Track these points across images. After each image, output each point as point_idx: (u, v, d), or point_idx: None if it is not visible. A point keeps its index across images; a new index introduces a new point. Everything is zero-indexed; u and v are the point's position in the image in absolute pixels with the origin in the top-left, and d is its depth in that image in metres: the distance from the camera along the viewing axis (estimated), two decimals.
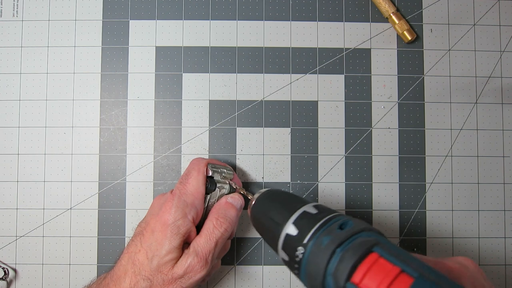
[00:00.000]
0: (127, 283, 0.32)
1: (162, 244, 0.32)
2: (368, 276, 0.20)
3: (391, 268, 0.20)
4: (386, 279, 0.19)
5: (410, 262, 0.20)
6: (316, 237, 0.24)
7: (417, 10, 0.44)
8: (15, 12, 0.43)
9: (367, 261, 0.21)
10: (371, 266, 0.20)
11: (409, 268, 0.20)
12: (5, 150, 0.42)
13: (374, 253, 0.21)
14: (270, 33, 0.43)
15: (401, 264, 0.20)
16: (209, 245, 0.33)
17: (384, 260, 0.21)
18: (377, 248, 0.22)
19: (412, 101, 0.43)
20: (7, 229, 0.42)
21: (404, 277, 0.19)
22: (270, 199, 0.31)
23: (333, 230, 0.24)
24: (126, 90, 0.43)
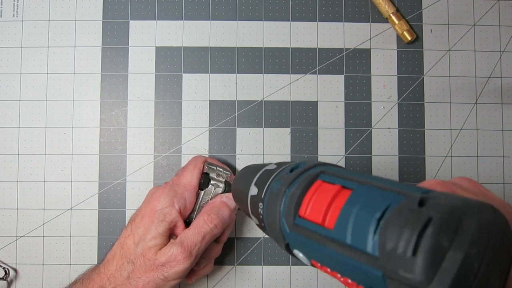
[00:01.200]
0: (114, 265, 0.33)
1: (148, 229, 0.33)
2: (312, 204, 0.19)
3: (332, 188, 0.19)
4: (327, 199, 0.18)
5: (354, 177, 0.19)
6: (269, 187, 0.24)
7: (417, 11, 0.44)
8: (15, 12, 0.43)
9: (310, 191, 0.20)
10: (313, 194, 0.20)
11: (349, 182, 0.19)
12: (5, 150, 0.42)
13: (317, 181, 0.20)
14: (270, 33, 0.43)
15: (341, 181, 0.19)
16: (195, 238, 0.33)
17: (326, 184, 0.20)
18: (321, 176, 0.21)
19: (412, 101, 0.43)
20: (7, 229, 0.42)
21: (344, 191, 0.18)
22: (241, 174, 0.31)
23: (283, 175, 0.23)
24: (126, 90, 0.43)
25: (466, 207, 0.14)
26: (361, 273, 0.16)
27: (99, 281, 0.33)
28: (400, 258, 0.14)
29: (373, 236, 0.15)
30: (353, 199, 0.18)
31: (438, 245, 0.13)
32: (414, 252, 0.13)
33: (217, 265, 0.42)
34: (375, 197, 0.17)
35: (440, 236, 0.13)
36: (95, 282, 0.33)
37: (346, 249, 0.16)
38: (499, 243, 0.14)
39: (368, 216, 0.16)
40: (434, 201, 0.14)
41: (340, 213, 0.17)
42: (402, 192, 0.16)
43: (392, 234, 0.14)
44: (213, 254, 0.37)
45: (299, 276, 0.42)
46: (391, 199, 0.16)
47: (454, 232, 0.13)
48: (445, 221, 0.13)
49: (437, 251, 0.13)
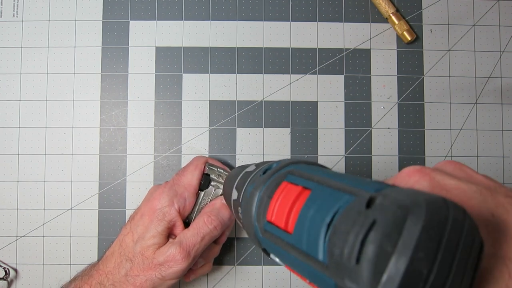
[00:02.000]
0: (112, 262, 0.33)
1: (148, 228, 0.33)
2: (277, 207, 0.19)
3: (295, 190, 0.18)
4: (289, 202, 0.18)
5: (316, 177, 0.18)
6: (245, 191, 0.23)
7: (417, 11, 0.44)
8: (15, 12, 0.43)
9: (276, 194, 0.19)
10: (279, 197, 0.19)
11: (310, 182, 0.18)
12: (5, 150, 0.42)
13: (283, 183, 0.20)
14: (270, 34, 0.43)
15: (303, 182, 0.19)
16: (195, 239, 0.33)
17: (291, 185, 0.19)
18: (288, 176, 0.20)
19: (411, 101, 0.43)
20: (7, 229, 0.42)
21: (305, 193, 0.18)
22: (228, 177, 0.31)
23: (257, 178, 0.23)
24: (126, 91, 0.43)
25: (413, 206, 0.13)
26: (319, 280, 0.15)
27: (98, 278, 0.33)
28: (345, 267, 0.13)
29: (323, 243, 0.15)
30: (310, 201, 0.17)
31: (381, 251, 0.12)
32: (357, 260, 0.12)
33: (217, 265, 0.42)
34: (328, 199, 0.16)
35: (383, 241, 0.12)
36: (94, 278, 0.33)
37: (303, 256, 0.16)
38: (454, 242, 0.12)
39: (319, 221, 0.15)
40: (382, 200, 0.13)
41: (298, 218, 0.17)
42: (354, 192, 0.15)
43: (339, 240, 0.14)
44: (212, 255, 0.37)
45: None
46: (343, 200, 0.15)
47: (397, 235, 0.12)
48: (389, 224, 0.12)
49: (380, 258, 0.12)
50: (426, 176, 0.18)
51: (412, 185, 0.18)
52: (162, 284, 0.32)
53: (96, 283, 0.33)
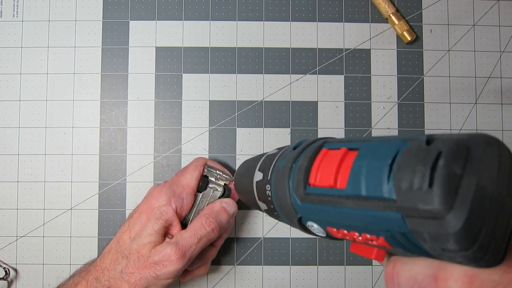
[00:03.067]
0: (109, 259, 0.34)
1: (145, 226, 0.34)
2: (321, 170, 0.19)
3: (338, 152, 0.19)
4: (335, 163, 0.19)
5: (357, 139, 0.20)
6: (275, 167, 0.24)
7: (417, 11, 0.44)
8: (15, 13, 0.43)
9: (317, 160, 0.20)
10: (321, 161, 0.20)
11: (354, 143, 0.19)
12: (5, 150, 0.42)
13: (322, 150, 0.21)
14: (270, 34, 0.43)
15: (346, 144, 0.19)
16: (191, 240, 0.33)
17: (332, 151, 0.20)
18: (325, 145, 0.21)
19: (411, 101, 0.43)
20: (7, 229, 0.42)
21: (351, 153, 0.19)
22: (242, 166, 0.31)
23: (287, 153, 0.24)
24: (126, 91, 0.43)
25: (471, 138, 0.14)
26: (380, 222, 0.16)
27: (95, 273, 0.34)
28: (417, 194, 0.14)
29: (387, 182, 0.15)
30: (361, 156, 0.18)
31: (452, 173, 0.13)
32: (430, 184, 0.14)
33: (217, 265, 0.42)
34: (383, 148, 0.17)
35: (453, 165, 0.14)
36: (91, 274, 0.34)
37: (362, 202, 0.17)
38: (505, 166, 0.14)
39: (380, 165, 0.16)
40: (440, 138, 0.15)
41: (351, 171, 0.18)
42: (407, 138, 0.16)
43: (406, 174, 0.15)
44: (208, 257, 0.37)
45: (299, 276, 0.42)
46: (399, 145, 0.16)
47: (464, 160, 0.14)
48: (455, 152, 0.14)
49: (452, 179, 0.13)
50: None
51: None
52: (157, 284, 0.33)
53: (92, 278, 0.33)
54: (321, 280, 0.42)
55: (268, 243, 0.42)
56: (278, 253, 0.42)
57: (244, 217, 0.42)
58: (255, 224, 0.42)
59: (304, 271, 0.42)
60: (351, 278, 0.42)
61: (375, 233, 0.17)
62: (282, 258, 0.42)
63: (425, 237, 0.14)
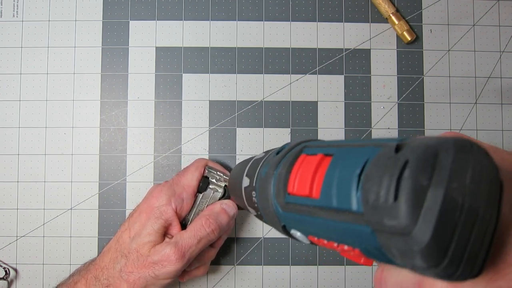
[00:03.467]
0: (108, 257, 0.34)
1: (144, 226, 0.34)
2: (298, 178, 0.19)
3: (314, 159, 0.19)
4: (311, 170, 0.18)
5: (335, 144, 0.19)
6: (259, 174, 0.24)
7: (417, 11, 0.44)
8: (15, 13, 0.43)
9: (295, 167, 0.20)
10: (298, 168, 0.19)
11: (331, 148, 0.19)
12: (5, 150, 0.42)
13: (301, 156, 0.20)
14: (270, 34, 0.43)
15: (323, 150, 0.19)
16: (191, 240, 0.33)
17: (310, 156, 0.19)
18: (305, 149, 0.20)
19: (411, 101, 0.43)
20: (7, 229, 0.42)
21: (326, 159, 0.18)
22: (234, 170, 0.31)
23: (270, 159, 0.23)
24: (126, 91, 0.43)
25: (441, 144, 0.13)
26: (352, 234, 0.16)
27: (94, 272, 0.34)
28: (383, 207, 0.13)
29: (356, 193, 0.15)
30: (334, 163, 0.17)
31: (417, 185, 0.13)
32: (395, 198, 0.13)
33: (217, 265, 0.42)
34: (354, 156, 0.16)
35: (418, 176, 0.13)
36: (90, 273, 0.34)
37: (333, 214, 0.16)
38: (479, 174, 0.13)
39: (349, 175, 0.16)
40: (409, 144, 0.14)
41: (323, 181, 0.17)
42: (379, 144, 0.16)
43: (373, 186, 0.14)
44: (207, 258, 0.37)
45: (299, 276, 0.42)
46: (369, 153, 0.16)
47: (431, 170, 0.13)
48: (421, 160, 0.13)
49: (417, 191, 0.13)
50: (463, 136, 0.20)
51: None
52: (155, 283, 0.33)
53: (91, 277, 0.33)
54: (321, 280, 0.42)
55: (268, 243, 0.42)
56: (278, 253, 0.42)
57: (244, 217, 0.42)
58: (255, 224, 0.42)
59: (304, 271, 0.42)
60: (351, 278, 0.42)
61: (351, 245, 0.17)
62: (282, 258, 0.42)
63: (394, 253, 0.14)
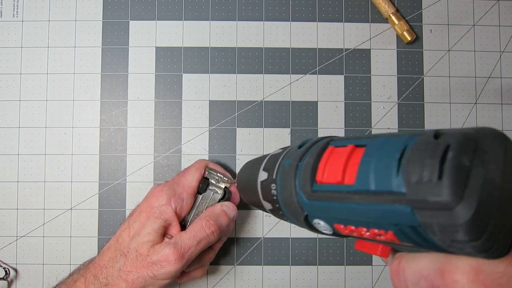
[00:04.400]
0: (107, 256, 0.34)
1: (144, 225, 0.34)
2: (328, 167, 0.20)
3: (345, 149, 0.19)
4: (342, 159, 0.19)
5: (364, 136, 0.20)
6: (280, 166, 0.24)
7: (417, 11, 0.44)
8: (15, 13, 0.43)
9: (324, 157, 0.20)
10: (328, 158, 0.20)
11: (361, 140, 0.19)
12: (5, 150, 0.42)
13: (329, 148, 0.21)
14: (270, 34, 0.43)
15: (353, 141, 0.20)
16: (190, 241, 0.33)
17: (338, 148, 0.20)
18: (332, 142, 0.21)
19: (411, 101, 0.43)
20: (7, 229, 0.42)
21: (358, 150, 0.19)
22: (245, 167, 0.32)
23: (292, 152, 0.24)
24: (126, 91, 0.43)
25: (479, 132, 0.15)
26: (389, 216, 0.16)
27: (93, 271, 0.34)
28: (427, 186, 0.14)
29: (396, 176, 0.16)
30: (369, 152, 0.18)
31: (460, 165, 0.14)
32: (439, 176, 0.14)
33: (217, 265, 0.42)
34: (391, 144, 0.17)
35: (461, 157, 0.14)
36: (90, 271, 0.34)
37: (371, 197, 0.17)
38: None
39: (388, 159, 0.16)
40: (448, 133, 0.15)
41: (359, 167, 0.18)
42: (415, 133, 0.17)
43: (415, 167, 0.15)
44: (206, 259, 0.37)
45: (299, 276, 0.42)
46: (407, 140, 0.16)
47: (473, 153, 0.14)
48: (463, 145, 0.14)
49: (460, 171, 0.14)
50: None
51: None
52: (154, 283, 0.32)
53: (90, 275, 0.33)
54: (321, 280, 0.42)
55: (268, 243, 0.42)
56: (278, 253, 0.42)
57: (244, 217, 0.42)
58: (255, 224, 0.42)
59: (304, 271, 0.42)
60: (351, 278, 0.42)
61: (383, 228, 0.17)
62: (282, 258, 0.42)
63: (435, 229, 0.15)
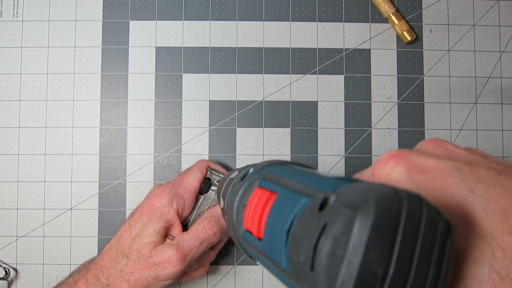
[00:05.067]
0: (108, 257, 0.34)
1: (146, 226, 0.34)
2: (251, 214, 0.18)
3: (264, 195, 0.18)
4: (259, 208, 0.18)
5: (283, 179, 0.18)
6: (227, 200, 0.24)
7: (417, 11, 0.44)
8: (15, 13, 0.43)
9: (250, 201, 0.19)
10: (252, 203, 0.19)
11: (277, 186, 0.18)
12: (5, 150, 0.42)
13: (256, 189, 0.19)
14: (270, 34, 0.43)
15: (272, 186, 0.18)
16: (193, 243, 0.33)
17: (263, 190, 0.19)
18: (261, 181, 0.20)
19: (411, 101, 0.43)
20: (7, 229, 0.42)
21: (272, 197, 0.18)
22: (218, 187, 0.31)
23: (236, 185, 0.23)
24: (126, 91, 0.43)
25: (362, 204, 0.12)
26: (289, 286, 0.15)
27: (94, 271, 0.34)
28: (303, 274, 0.13)
29: (285, 249, 0.14)
30: (274, 207, 0.17)
31: (332, 256, 0.12)
32: (312, 267, 0.12)
33: (216, 265, 0.42)
34: (288, 204, 0.16)
35: (334, 246, 0.12)
36: (90, 272, 0.34)
37: (271, 263, 0.16)
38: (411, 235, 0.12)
39: (281, 229, 0.15)
40: (334, 201, 0.13)
41: (265, 225, 0.17)
42: (311, 193, 0.15)
43: (296, 248, 0.13)
44: (207, 260, 0.37)
45: None
46: (300, 204, 0.15)
47: (347, 238, 0.12)
48: (338, 227, 0.12)
49: (332, 263, 0.12)
50: (403, 160, 0.17)
51: (389, 172, 0.17)
52: (156, 284, 0.33)
53: (92, 276, 0.33)
54: None
55: None
56: None
57: None
58: None
59: None
60: None
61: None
62: None
63: None
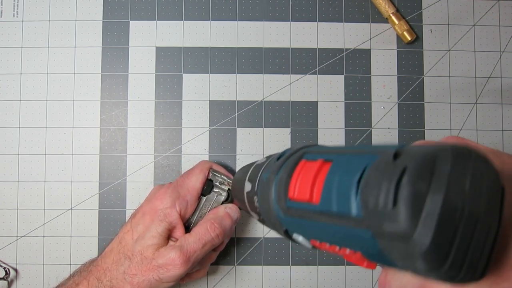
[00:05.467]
0: (111, 259, 0.34)
1: (148, 228, 0.33)
2: (299, 183, 0.19)
3: (314, 164, 0.19)
4: (311, 175, 0.18)
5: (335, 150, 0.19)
6: (260, 179, 0.24)
7: (417, 11, 0.44)
8: (15, 13, 0.43)
9: (296, 172, 0.20)
10: (299, 174, 0.19)
11: (330, 155, 0.19)
12: (5, 150, 0.42)
13: (301, 162, 0.20)
14: (270, 34, 0.43)
15: (323, 156, 0.19)
16: (196, 245, 0.33)
17: (310, 162, 0.20)
18: (305, 155, 0.21)
19: (411, 101, 0.43)
20: (7, 229, 0.42)
21: (326, 165, 0.18)
22: (236, 174, 0.32)
23: (271, 164, 0.23)
24: (126, 91, 0.43)
25: (439, 151, 0.13)
26: (353, 238, 0.16)
27: (96, 273, 0.33)
28: (382, 213, 0.13)
29: (355, 198, 0.15)
30: (334, 169, 0.17)
31: (416, 191, 0.13)
32: (394, 203, 0.13)
33: (217, 265, 0.42)
34: (353, 162, 0.16)
35: (417, 182, 0.13)
36: (92, 274, 0.33)
37: (334, 218, 0.16)
38: (479, 180, 0.13)
39: (348, 181, 0.16)
40: (408, 152, 0.14)
41: (323, 186, 0.17)
42: (377, 152, 0.16)
43: (372, 191, 0.14)
44: (208, 261, 0.37)
45: (299, 276, 0.42)
46: (368, 160, 0.16)
47: (430, 176, 0.13)
48: (420, 167, 0.13)
49: (416, 197, 0.13)
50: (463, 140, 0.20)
51: None
52: (159, 286, 0.32)
53: (94, 278, 0.33)
54: (321, 280, 0.42)
55: (268, 243, 0.42)
56: (278, 253, 0.42)
57: (244, 217, 0.42)
58: (255, 224, 0.42)
59: (304, 271, 0.42)
60: (351, 278, 0.42)
61: (352, 248, 0.17)
62: (282, 258, 0.42)
63: (395, 256, 0.14)
